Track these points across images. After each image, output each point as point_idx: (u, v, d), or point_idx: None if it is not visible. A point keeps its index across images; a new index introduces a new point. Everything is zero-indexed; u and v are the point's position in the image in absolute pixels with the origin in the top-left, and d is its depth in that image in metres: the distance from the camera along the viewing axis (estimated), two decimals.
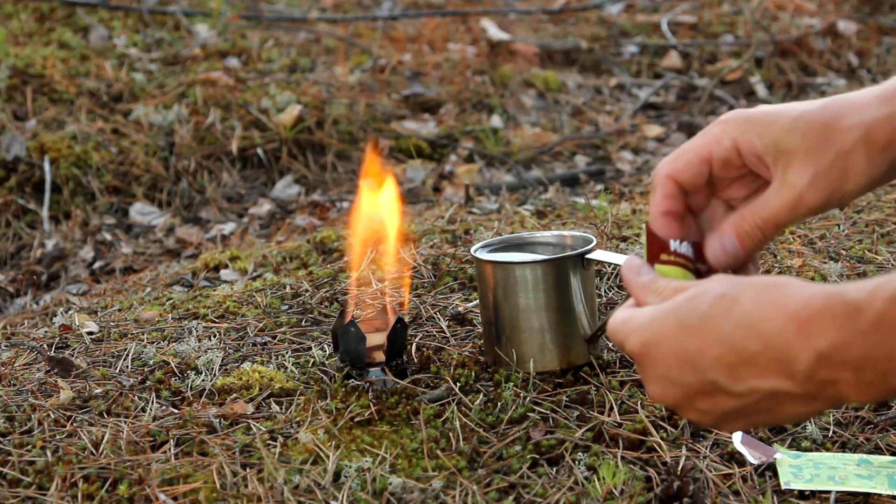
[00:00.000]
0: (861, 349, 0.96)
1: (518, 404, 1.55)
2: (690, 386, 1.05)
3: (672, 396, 1.07)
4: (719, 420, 1.07)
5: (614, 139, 3.60)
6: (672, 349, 1.04)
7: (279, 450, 1.49)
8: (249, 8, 4.49)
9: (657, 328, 1.06)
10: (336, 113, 3.47)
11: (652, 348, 1.06)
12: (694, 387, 1.05)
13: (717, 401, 1.05)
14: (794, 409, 1.03)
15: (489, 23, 4.37)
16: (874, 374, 0.97)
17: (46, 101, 3.41)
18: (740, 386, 1.02)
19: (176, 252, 2.88)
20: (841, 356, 0.97)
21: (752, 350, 1.00)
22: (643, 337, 1.07)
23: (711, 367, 1.03)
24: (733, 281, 1.04)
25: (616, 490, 1.39)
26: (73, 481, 1.45)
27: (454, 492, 1.41)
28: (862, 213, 2.28)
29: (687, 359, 1.04)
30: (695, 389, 1.05)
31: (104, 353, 1.83)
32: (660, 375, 1.06)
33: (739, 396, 1.03)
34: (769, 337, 1.00)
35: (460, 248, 2.16)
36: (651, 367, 1.07)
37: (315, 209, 3.02)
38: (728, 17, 4.64)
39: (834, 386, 0.99)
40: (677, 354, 1.04)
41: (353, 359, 1.65)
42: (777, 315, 0.99)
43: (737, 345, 1.01)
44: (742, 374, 1.02)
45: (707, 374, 1.03)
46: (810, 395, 1.01)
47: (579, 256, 1.62)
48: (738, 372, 1.02)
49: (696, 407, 1.06)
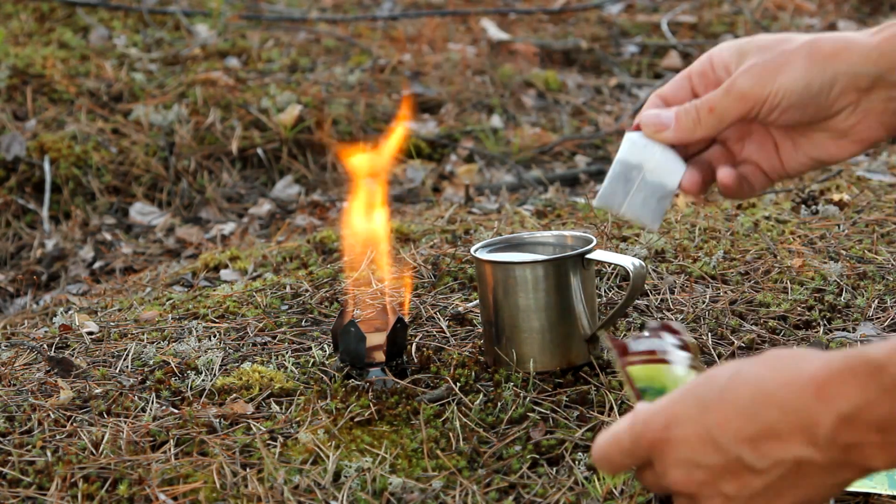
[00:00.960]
0: (886, 408, 0.93)
1: (518, 404, 1.55)
2: (715, 466, 1.01)
3: (696, 481, 1.02)
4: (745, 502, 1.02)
5: (614, 139, 3.60)
6: (694, 429, 1.01)
7: (279, 450, 1.49)
8: (249, 8, 4.49)
9: (678, 409, 1.02)
10: (336, 113, 3.47)
11: (673, 430, 1.02)
12: (719, 467, 1.01)
13: (742, 481, 1.01)
14: (822, 479, 0.99)
15: (489, 23, 4.37)
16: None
17: (46, 101, 3.41)
18: (764, 461, 0.99)
19: (176, 252, 2.88)
20: (865, 417, 0.94)
21: (771, 419, 0.98)
22: (664, 419, 1.03)
23: (734, 441, 0.99)
24: (749, 358, 1.03)
25: (616, 490, 1.39)
26: (73, 481, 1.45)
27: (454, 492, 1.41)
28: (862, 213, 2.28)
29: (709, 438, 1.00)
30: (720, 469, 1.01)
31: (104, 353, 1.83)
32: (683, 459, 1.02)
33: (764, 472, 0.99)
34: (787, 403, 0.97)
35: (460, 248, 2.16)
36: (673, 452, 1.02)
37: (315, 209, 3.02)
38: (728, 17, 4.64)
39: (860, 450, 0.96)
40: (699, 434, 1.01)
41: (353, 359, 1.65)
42: (795, 380, 0.97)
43: (756, 414, 0.98)
44: (764, 446, 0.98)
45: (731, 450, 0.99)
46: (836, 462, 0.97)
47: (579, 256, 1.62)
48: (761, 444, 0.99)
49: (721, 491, 1.02)
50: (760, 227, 2.21)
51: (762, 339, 1.73)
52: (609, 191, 1.29)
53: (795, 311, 1.83)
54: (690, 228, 2.20)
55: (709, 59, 1.26)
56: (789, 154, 1.28)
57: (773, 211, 2.34)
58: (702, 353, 1.69)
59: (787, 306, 1.83)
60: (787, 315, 1.81)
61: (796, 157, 1.27)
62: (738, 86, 1.22)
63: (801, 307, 1.84)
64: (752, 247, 2.09)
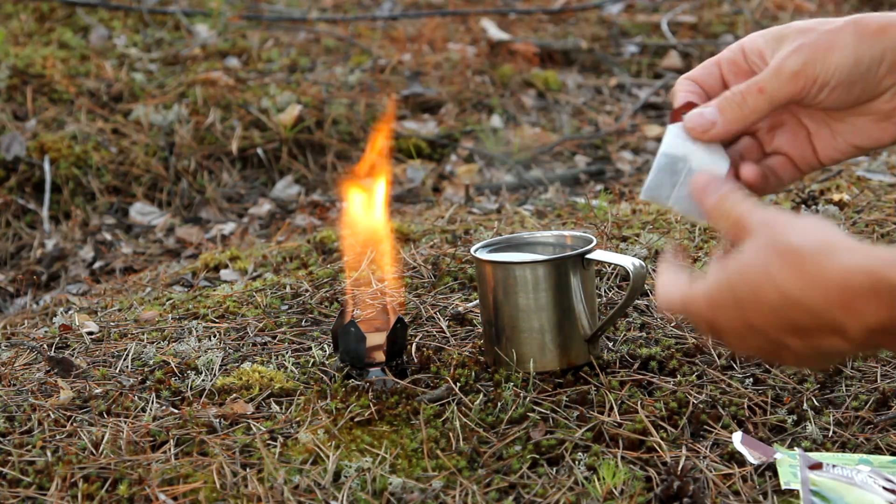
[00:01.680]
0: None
1: (518, 404, 1.55)
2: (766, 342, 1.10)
3: (755, 348, 1.12)
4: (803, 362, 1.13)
5: (614, 139, 3.60)
6: (738, 322, 1.10)
7: (279, 450, 1.49)
8: (249, 8, 4.49)
9: (717, 311, 1.11)
10: (336, 113, 3.47)
11: (720, 324, 1.11)
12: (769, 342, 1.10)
13: (794, 352, 1.10)
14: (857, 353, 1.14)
15: (489, 23, 4.37)
16: None
17: (46, 101, 3.41)
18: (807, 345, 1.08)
19: (176, 252, 2.88)
20: (892, 330, 1.02)
21: (803, 322, 1.05)
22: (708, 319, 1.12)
23: (774, 331, 1.08)
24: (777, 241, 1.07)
25: (616, 490, 1.39)
26: (73, 481, 1.45)
27: (454, 492, 1.41)
28: (862, 213, 2.28)
29: (753, 327, 1.09)
30: (771, 344, 1.10)
31: (104, 353, 1.83)
32: (737, 338, 1.12)
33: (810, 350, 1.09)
34: (815, 310, 1.04)
35: (460, 248, 2.16)
36: (725, 336, 1.12)
37: (315, 209, 3.02)
38: (728, 17, 4.64)
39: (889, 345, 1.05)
40: (743, 324, 1.09)
41: (353, 359, 1.65)
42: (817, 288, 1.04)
43: (789, 316, 1.06)
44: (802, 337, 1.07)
45: (773, 336, 1.08)
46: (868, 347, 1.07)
47: (579, 256, 1.62)
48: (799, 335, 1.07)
49: (779, 356, 1.12)
50: None
51: None
52: (655, 183, 1.27)
53: None
54: (690, 228, 2.20)
55: (740, 47, 1.25)
56: (826, 142, 1.27)
57: None
58: (701, 354, 1.69)
59: None
60: None
61: (834, 145, 1.27)
62: (788, 65, 1.19)
63: None
64: None
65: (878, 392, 1.58)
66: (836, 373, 1.64)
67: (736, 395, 1.58)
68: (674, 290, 1.15)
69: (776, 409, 1.56)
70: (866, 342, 1.04)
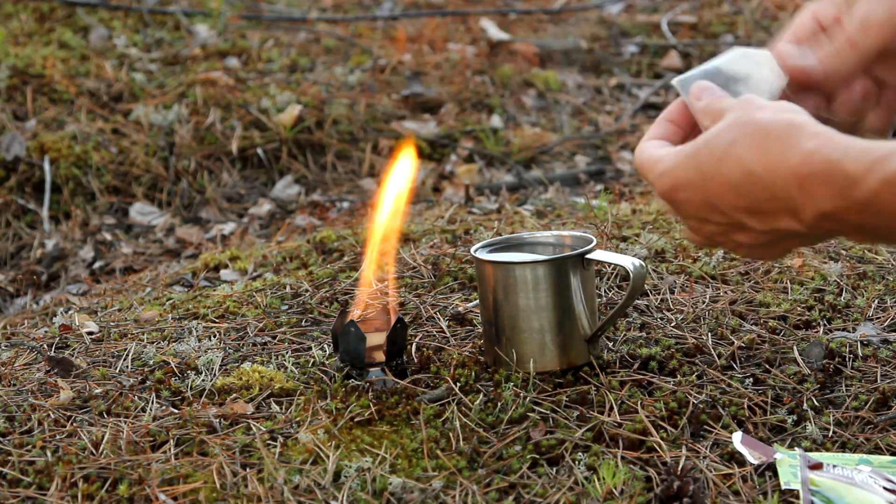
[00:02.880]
0: (858, 218, 1.03)
1: (518, 404, 1.55)
2: (720, 223, 1.13)
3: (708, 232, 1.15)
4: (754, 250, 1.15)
5: (614, 139, 3.60)
6: (696, 195, 1.12)
7: (279, 450, 1.49)
8: (249, 8, 4.48)
9: (680, 174, 1.13)
10: (336, 113, 3.47)
11: (678, 193, 1.14)
12: (724, 223, 1.13)
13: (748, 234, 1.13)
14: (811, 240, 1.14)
15: (489, 23, 4.37)
16: (874, 236, 1.05)
17: (46, 101, 3.41)
18: (761, 225, 1.10)
19: (176, 252, 2.88)
20: (841, 218, 1.04)
21: (760, 198, 1.08)
22: (670, 183, 1.14)
23: (732, 210, 1.11)
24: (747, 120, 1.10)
25: (616, 490, 1.39)
26: (73, 481, 1.45)
27: (454, 492, 1.41)
28: None
29: (710, 203, 1.11)
30: (725, 225, 1.13)
31: (104, 353, 1.83)
32: (691, 215, 1.14)
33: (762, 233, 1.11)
34: (774, 188, 1.07)
35: (460, 248, 2.16)
36: (681, 209, 1.15)
37: (315, 209, 3.02)
38: (728, 17, 4.64)
39: (839, 232, 1.08)
40: (702, 198, 1.12)
41: (353, 359, 1.65)
42: (778, 167, 1.06)
43: (748, 193, 1.08)
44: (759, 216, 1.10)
45: (732, 215, 1.11)
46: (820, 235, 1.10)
47: (579, 256, 1.62)
48: (755, 215, 1.10)
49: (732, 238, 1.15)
50: None
51: (762, 339, 1.73)
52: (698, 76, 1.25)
53: (795, 310, 1.83)
54: None
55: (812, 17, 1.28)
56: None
57: None
58: (701, 353, 1.69)
59: (787, 306, 1.83)
60: (787, 315, 1.81)
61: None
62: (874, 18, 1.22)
63: (801, 307, 1.84)
64: None
65: (878, 392, 1.58)
66: (836, 373, 1.64)
67: (736, 395, 1.58)
68: (649, 151, 1.18)
69: (776, 409, 1.56)
70: (818, 227, 1.07)
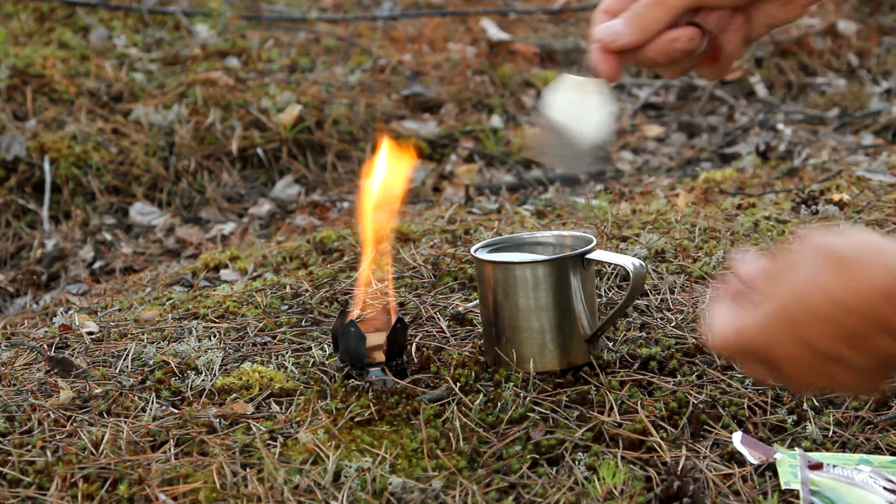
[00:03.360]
0: None
1: (518, 404, 1.55)
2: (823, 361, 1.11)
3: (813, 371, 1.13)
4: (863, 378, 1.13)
5: (614, 139, 3.60)
6: (794, 343, 1.10)
7: (279, 450, 1.49)
8: (249, 8, 4.49)
9: (772, 336, 1.12)
10: (336, 113, 3.47)
11: (775, 351, 1.11)
12: (827, 360, 1.11)
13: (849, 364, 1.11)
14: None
15: (489, 23, 4.37)
16: None
17: (46, 101, 3.41)
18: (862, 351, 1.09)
19: (176, 252, 2.88)
20: None
21: (856, 327, 1.07)
22: (764, 346, 1.12)
23: (832, 344, 1.09)
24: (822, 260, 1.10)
25: (616, 490, 1.39)
26: (73, 481, 1.45)
27: (454, 492, 1.41)
28: (862, 213, 2.28)
29: (809, 345, 1.10)
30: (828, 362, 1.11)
31: (104, 353, 1.83)
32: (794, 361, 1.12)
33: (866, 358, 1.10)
34: (866, 312, 1.06)
35: (460, 248, 2.15)
36: (782, 362, 1.13)
37: (315, 209, 3.02)
38: None
39: None
40: (799, 343, 1.10)
41: (353, 359, 1.65)
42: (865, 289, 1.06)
43: (843, 324, 1.07)
44: (859, 345, 1.08)
45: (834, 350, 1.10)
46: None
47: (579, 256, 1.62)
48: (855, 344, 1.09)
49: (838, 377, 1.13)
50: (761, 227, 2.21)
51: None
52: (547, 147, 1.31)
53: None
54: (690, 228, 2.20)
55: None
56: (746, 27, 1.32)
57: (774, 211, 2.34)
58: (701, 354, 1.69)
59: None
60: None
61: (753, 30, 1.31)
62: None
63: None
64: (752, 247, 2.09)
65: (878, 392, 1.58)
66: None
67: (736, 395, 1.58)
68: (726, 326, 1.15)
69: (776, 409, 1.56)
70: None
